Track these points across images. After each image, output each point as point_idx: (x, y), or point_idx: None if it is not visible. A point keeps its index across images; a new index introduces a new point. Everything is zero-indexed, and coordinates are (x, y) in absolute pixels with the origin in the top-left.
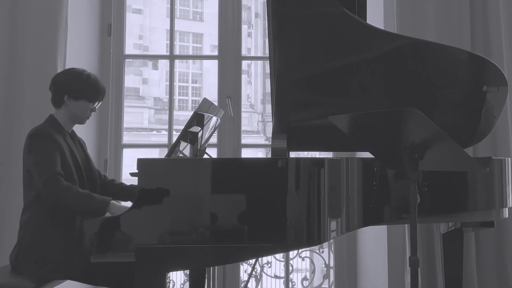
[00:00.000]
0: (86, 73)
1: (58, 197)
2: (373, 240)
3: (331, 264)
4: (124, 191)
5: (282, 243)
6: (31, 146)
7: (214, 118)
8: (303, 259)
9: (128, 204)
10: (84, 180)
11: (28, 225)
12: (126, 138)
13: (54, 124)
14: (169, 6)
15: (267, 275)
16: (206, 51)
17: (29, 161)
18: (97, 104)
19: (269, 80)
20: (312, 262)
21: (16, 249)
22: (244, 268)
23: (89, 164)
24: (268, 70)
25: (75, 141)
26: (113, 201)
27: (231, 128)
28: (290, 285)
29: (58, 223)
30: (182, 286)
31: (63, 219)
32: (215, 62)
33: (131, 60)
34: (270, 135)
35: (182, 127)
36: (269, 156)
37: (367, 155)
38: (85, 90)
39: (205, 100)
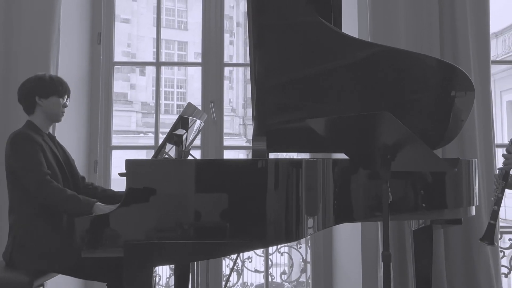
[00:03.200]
0: (48, 74)
1: (51, 199)
2: (348, 236)
3: (308, 259)
4: (103, 195)
5: (262, 239)
6: (14, 150)
7: (198, 122)
8: (282, 254)
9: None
10: (67, 177)
11: (17, 226)
12: (115, 140)
13: (32, 127)
14: (155, 16)
15: (248, 269)
16: (191, 58)
17: (15, 165)
18: (66, 99)
19: (249, 85)
20: (290, 257)
21: (10, 249)
22: (226, 263)
23: (70, 162)
24: (249, 76)
25: (54, 142)
26: (97, 203)
27: (214, 130)
28: (270, 279)
29: (46, 222)
30: (167, 279)
31: (50, 218)
32: (199, 69)
33: (119, 66)
34: (251, 138)
35: (168, 130)
36: (250, 157)
37: (342, 156)
38: (53, 87)
39: (189, 104)
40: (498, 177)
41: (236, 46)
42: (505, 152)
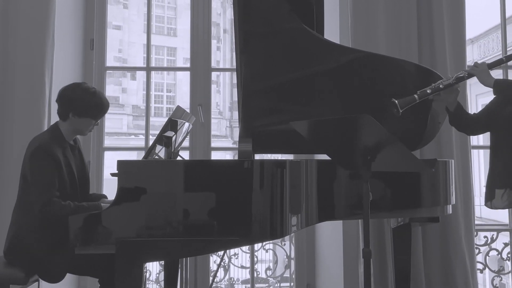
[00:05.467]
0: (92, 90)
1: (54, 216)
2: (330, 233)
3: (292, 255)
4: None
5: (248, 236)
6: (32, 162)
7: (187, 124)
8: (266, 251)
9: None
10: (77, 189)
11: (17, 223)
12: (107, 142)
13: (56, 135)
14: (145, 23)
15: (234, 265)
16: (179, 63)
17: (28, 176)
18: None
19: (236, 89)
20: (275, 253)
21: (7, 243)
22: (214, 259)
23: (84, 171)
24: (235, 81)
25: (74, 151)
26: (104, 205)
27: (201, 132)
28: (255, 275)
29: (42, 221)
30: (157, 275)
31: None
32: (187, 73)
33: (111, 71)
34: (237, 139)
35: (157, 132)
36: (236, 158)
37: (324, 157)
38: (90, 109)
39: (178, 107)
40: (453, 76)
41: (223, 52)
42: (479, 62)
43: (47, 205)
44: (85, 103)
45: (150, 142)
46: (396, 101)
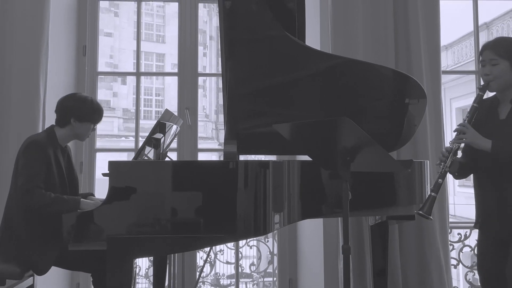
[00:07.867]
0: (89, 98)
1: (36, 204)
2: (311, 231)
3: (275, 251)
4: None
5: (233, 233)
6: (25, 154)
7: (174, 126)
8: (251, 247)
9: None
10: (66, 187)
11: (9, 213)
12: (99, 144)
13: (51, 137)
14: (135, 30)
15: (220, 261)
16: (168, 69)
17: (20, 166)
18: (97, 124)
19: (221, 93)
20: (258, 250)
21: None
22: (200, 255)
23: (72, 173)
24: (221, 85)
25: (64, 154)
26: (82, 199)
27: (189, 135)
28: (240, 270)
29: (34, 217)
30: (147, 270)
31: (39, 214)
32: (175, 78)
33: (103, 76)
34: (223, 141)
35: (147, 134)
36: (222, 159)
37: (306, 158)
38: (90, 114)
39: (166, 111)
40: (447, 151)
41: (209, 58)
42: (458, 127)
43: (29, 192)
44: (84, 109)
45: (140, 144)
46: (421, 212)
